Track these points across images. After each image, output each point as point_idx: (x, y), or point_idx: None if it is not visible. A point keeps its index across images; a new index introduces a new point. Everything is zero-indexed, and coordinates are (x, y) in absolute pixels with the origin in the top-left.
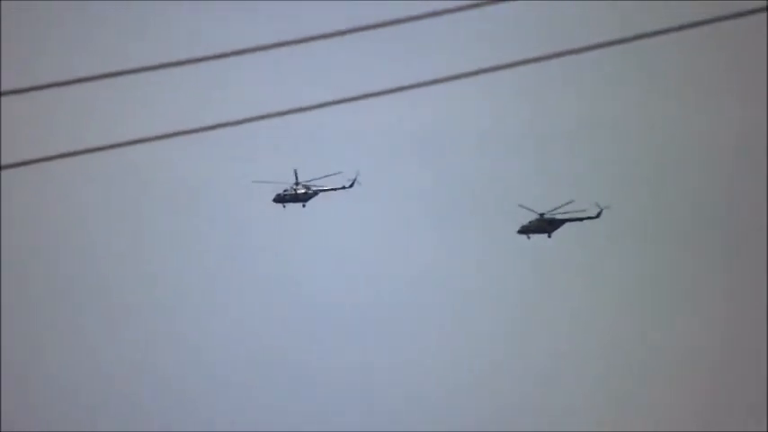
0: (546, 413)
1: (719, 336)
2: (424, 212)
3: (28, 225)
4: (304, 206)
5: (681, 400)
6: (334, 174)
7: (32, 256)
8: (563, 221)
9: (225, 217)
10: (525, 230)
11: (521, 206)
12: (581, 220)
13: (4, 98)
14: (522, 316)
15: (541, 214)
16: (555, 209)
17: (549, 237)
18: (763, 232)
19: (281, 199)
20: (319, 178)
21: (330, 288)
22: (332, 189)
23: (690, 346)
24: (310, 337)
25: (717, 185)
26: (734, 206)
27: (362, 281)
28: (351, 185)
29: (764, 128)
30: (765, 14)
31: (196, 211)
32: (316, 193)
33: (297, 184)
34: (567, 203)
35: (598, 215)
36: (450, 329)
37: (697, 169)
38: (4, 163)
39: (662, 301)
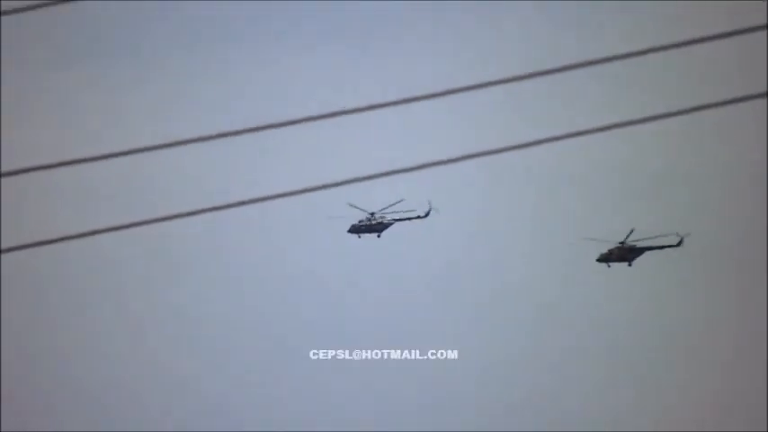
0: (546, 413)
1: (720, 336)
2: (504, 240)
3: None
4: (379, 236)
5: (681, 400)
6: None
7: (36, 254)
8: (643, 249)
9: (298, 247)
10: (605, 259)
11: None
12: (662, 248)
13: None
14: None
15: (622, 242)
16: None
17: (630, 265)
18: None
19: (356, 229)
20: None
21: (407, 309)
22: (407, 219)
23: (690, 344)
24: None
25: None
26: None
27: (443, 302)
28: (426, 215)
29: None
30: None
31: (271, 241)
32: (391, 222)
33: (372, 214)
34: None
35: (679, 243)
36: (528, 353)
37: None
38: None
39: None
